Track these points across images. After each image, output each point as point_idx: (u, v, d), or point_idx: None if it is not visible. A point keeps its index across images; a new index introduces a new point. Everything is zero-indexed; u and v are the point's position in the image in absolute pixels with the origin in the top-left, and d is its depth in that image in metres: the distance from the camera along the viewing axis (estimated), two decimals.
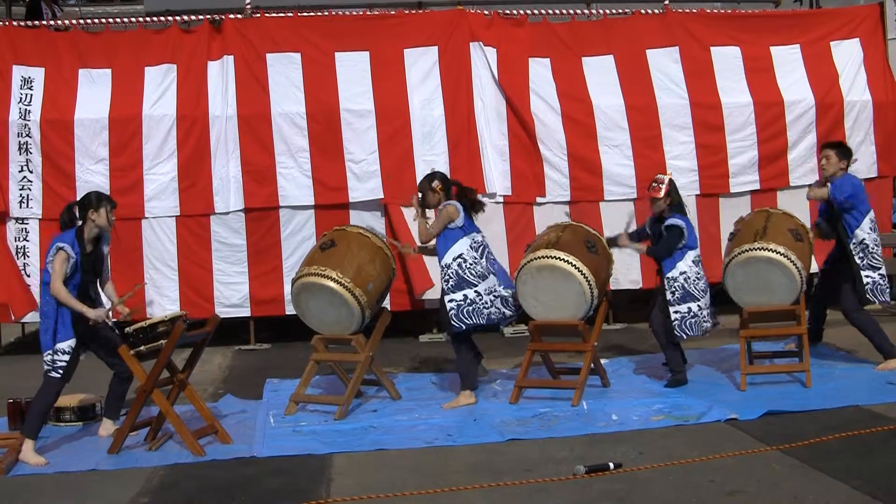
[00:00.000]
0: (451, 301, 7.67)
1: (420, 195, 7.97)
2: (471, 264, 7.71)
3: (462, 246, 7.72)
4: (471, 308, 7.66)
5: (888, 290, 8.42)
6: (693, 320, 7.95)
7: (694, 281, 7.97)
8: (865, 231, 8.28)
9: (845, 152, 8.46)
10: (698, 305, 7.97)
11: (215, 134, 10.75)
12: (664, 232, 8.02)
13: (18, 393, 7.66)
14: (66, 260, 6.71)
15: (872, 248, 8.27)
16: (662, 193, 8.04)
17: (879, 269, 8.28)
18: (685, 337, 8.00)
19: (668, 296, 7.95)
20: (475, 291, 7.69)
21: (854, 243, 8.26)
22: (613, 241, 8.36)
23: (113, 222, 7.05)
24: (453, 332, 7.76)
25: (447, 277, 7.71)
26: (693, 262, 8.00)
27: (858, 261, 8.25)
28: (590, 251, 7.87)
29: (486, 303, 7.72)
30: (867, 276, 8.24)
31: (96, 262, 7.04)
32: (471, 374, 7.88)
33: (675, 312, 7.94)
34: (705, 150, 11.29)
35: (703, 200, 11.30)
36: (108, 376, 7.30)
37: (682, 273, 7.95)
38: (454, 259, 7.69)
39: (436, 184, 7.93)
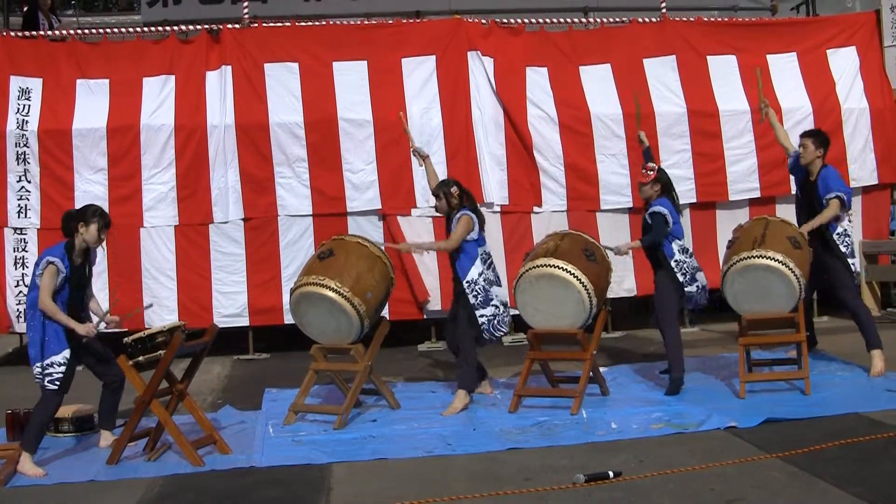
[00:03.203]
0: (482, 316, 7.87)
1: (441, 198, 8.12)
2: (486, 277, 7.91)
3: (480, 261, 7.90)
4: (496, 321, 7.91)
5: None
6: (698, 296, 8.22)
7: (687, 264, 8.11)
8: (845, 221, 8.52)
9: (822, 140, 8.62)
10: (697, 286, 8.19)
11: (214, 144, 10.75)
12: (648, 220, 8.09)
13: (17, 403, 7.66)
14: (55, 274, 6.68)
15: (851, 236, 8.57)
16: (651, 179, 8.12)
17: (855, 255, 8.65)
18: (701, 304, 8.33)
19: (680, 277, 8.05)
20: (494, 305, 7.92)
21: (838, 234, 8.44)
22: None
23: (103, 241, 7.00)
24: (485, 344, 8.04)
25: (475, 293, 7.85)
26: (679, 249, 8.08)
27: (844, 249, 8.45)
28: (588, 259, 7.88)
29: (502, 312, 7.99)
30: (853, 263, 8.49)
31: (84, 276, 7.01)
32: (472, 375, 7.97)
33: (689, 291, 8.12)
34: (702, 158, 11.30)
35: (701, 209, 11.31)
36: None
37: (678, 262, 8.05)
38: (479, 275, 7.88)
39: (454, 189, 8.06)
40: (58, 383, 6.68)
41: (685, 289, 8.09)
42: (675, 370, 8.09)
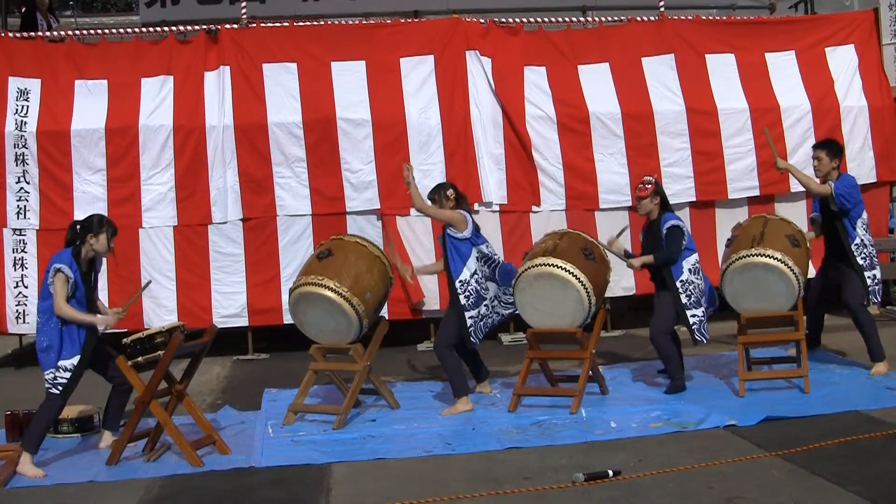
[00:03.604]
0: (471, 318, 7.82)
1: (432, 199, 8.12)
2: (481, 278, 7.89)
3: (473, 261, 7.86)
4: (482, 323, 7.88)
5: (880, 290, 8.55)
6: (705, 325, 8.03)
7: (695, 286, 8.00)
8: (862, 231, 8.37)
9: (836, 150, 8.51)
10: (701, 311, 8.02)
11: (212, 144, 10.75)
12: (664, 236, 8.02)
13: (16, 405, 7.66)
14: (65, 281, 6.72)
15: (870, 248, 8.39)
16: (650, 193, 8.08)
17: (876, 268, 8.42)
18: (704, 341, 8.07)
19: (684, 299, 7.96)
20: (485, 305, 7.90)
21: (856, 244, 8.32)
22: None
23: (112, 249, 7.02)
24: (471, 345, 7.92)
25: (467, 294, 7.82)
26: (690, 269, 8.01)
27: (861, 261, 8.32)
28: (587, 258, 7.87)
29: (489, 312, 7.94)
30: (869, 276, 8.34)
31: (90, 285, 7.01)
32: (461, 381, 7.93)
33: (693, 316, 7.98)
34: (701, 157, 11.30)
35: (700, 207, 11.31)
36: (106, 388, 7.28)
37: (687, 280, 7.97)
38: (471, 275, 7.84)
39: (450, 192, 8.05)
40: (61, 388, 6.69)
41: (687, 311, 7.96)
42: (676, 377, 8.09)
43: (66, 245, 6.94)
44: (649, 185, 8.11)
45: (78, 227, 6.96)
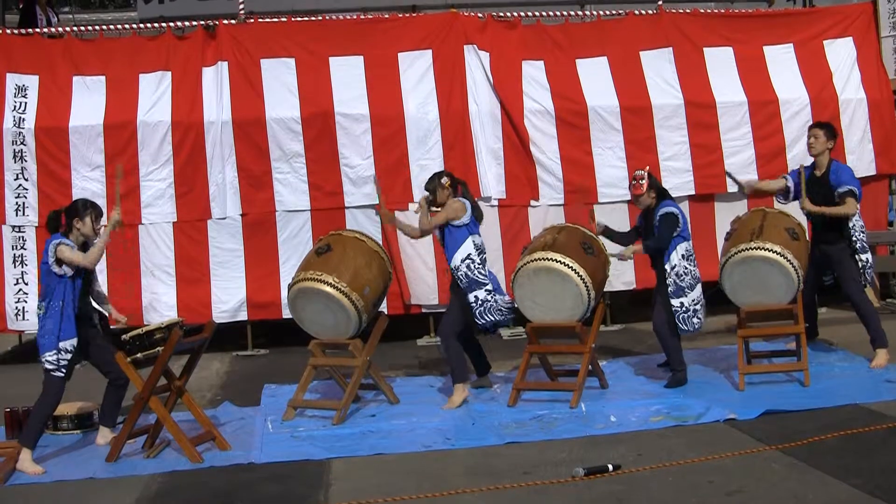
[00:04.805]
0: (473, 301, 7.82)
1: (428, 195, 8.11)
2: (479, 264, 7.85)
3: (469, 246, 7.86)
4: (484, 307, 7.82)
5: (871, 275, 8.63)
6: (685, 315, 7.97)
7: (681, 276, 7.97)
8: (855, 217, 8.42)
9: (832, 132, 8.60)
10: (689, 300, 7.97)
11: (211, 140, 10.73)
12: (657, 223, 8.02)
13: (16, 401, 7.66)
14: (70, 248, 6.73)
15: (860, 233, 8.44)
16: (645, 188, 8.08)
17: (867, 252, 8.47)
18: (679, 330, 8.04)
19: (670, 287, 7.96)
20: (485, 290, 7.84)
21: (851, 226, 8.36)
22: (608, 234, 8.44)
23: (99, 231, 7.02)
24: (479, 329, 7.98)
25: (459, 278, 7.84)
26: (682, 255, 7.99)
27: (857, 245, 8.38)
28: (586, 253, 7.87)
29: (497, 300, 7.89)
30: (866, 258, 8.41)
31: (85, 272, 7.01)
32: (462, 368, 7.95)
33: (674, 305, 7.98)
34: (700, 150, 11.27)
35: (699, 200, 11.30)
36: (105, 384, 7.27)
37: (673, 267, 7.96)
38: (462, 261, 7.83)
39: (444, 180, 8.09)
40: (65, 370, 6.71)
41: (670, 300, 7.98)
42: (678, 370, 8.08)
43: (49, 231, 6.96)
44: (643, 181, 8.09)
45: (62, 214, 6.97)
